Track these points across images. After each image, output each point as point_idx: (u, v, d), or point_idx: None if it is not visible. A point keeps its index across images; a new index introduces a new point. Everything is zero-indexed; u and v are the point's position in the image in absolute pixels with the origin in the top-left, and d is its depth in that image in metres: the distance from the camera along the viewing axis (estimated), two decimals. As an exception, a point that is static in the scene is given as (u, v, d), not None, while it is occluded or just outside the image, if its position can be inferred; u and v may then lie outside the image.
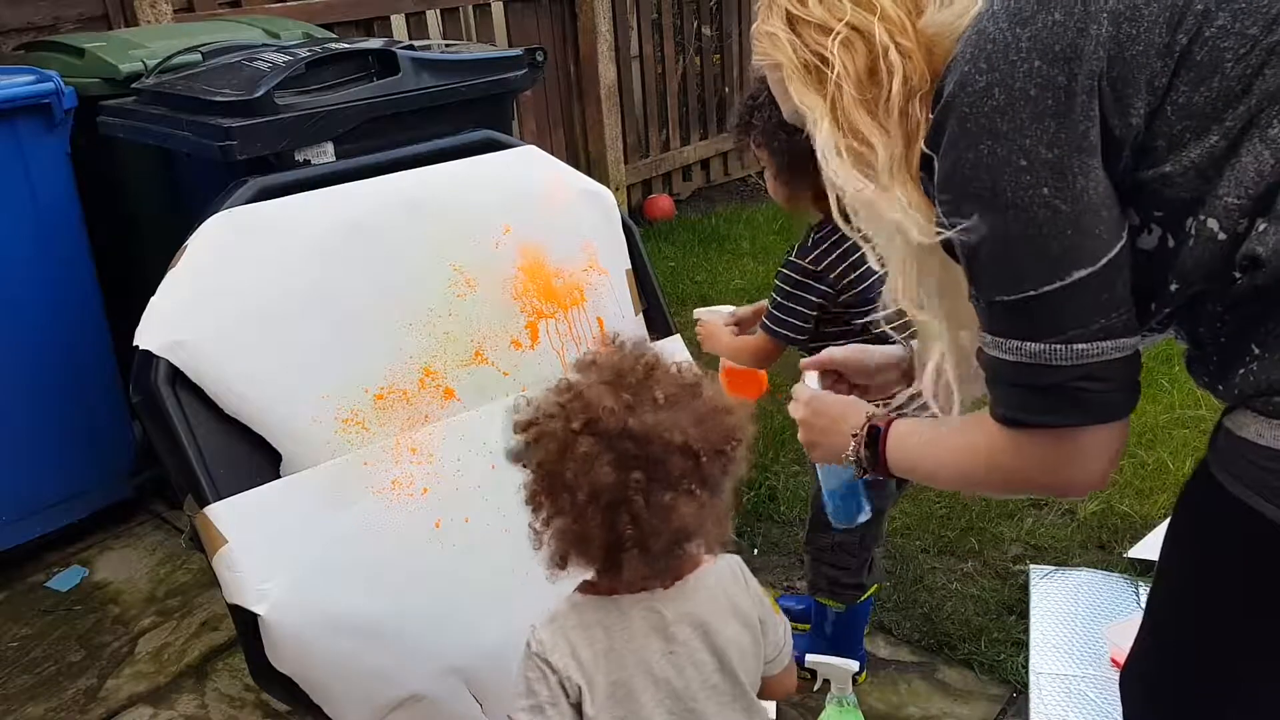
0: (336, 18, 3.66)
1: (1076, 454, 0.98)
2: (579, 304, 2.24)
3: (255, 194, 1.96)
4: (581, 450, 1.09)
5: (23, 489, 2.59)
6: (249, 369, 1.81)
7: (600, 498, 1.09)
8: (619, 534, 1.10)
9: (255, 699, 2.19)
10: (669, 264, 4.58)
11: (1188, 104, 0.89)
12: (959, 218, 0.96)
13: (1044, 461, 1.00)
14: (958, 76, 0.94)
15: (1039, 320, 0.94)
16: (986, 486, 1.11)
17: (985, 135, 0.91)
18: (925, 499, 2.71)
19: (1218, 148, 0.88)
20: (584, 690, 1.15)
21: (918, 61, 1.02)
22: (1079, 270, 0.91)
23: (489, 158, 2.27)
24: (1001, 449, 1.03)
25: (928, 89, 1.02)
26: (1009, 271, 0.94)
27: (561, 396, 1.14)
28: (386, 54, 2.31)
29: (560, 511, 1.13)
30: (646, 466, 1.09)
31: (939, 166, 0.97)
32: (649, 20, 5.14)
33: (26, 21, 3.03)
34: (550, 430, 1.13)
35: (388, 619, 1.82)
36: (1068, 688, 2.04)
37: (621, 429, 1.09)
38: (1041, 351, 0.94)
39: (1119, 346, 0.94)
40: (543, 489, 1.15)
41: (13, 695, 2.27)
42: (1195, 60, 0.88)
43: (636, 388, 1.13)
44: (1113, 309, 0.93)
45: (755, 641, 1.26)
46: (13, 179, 2.45)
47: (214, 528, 1.71)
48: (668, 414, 1.11)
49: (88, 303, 2.65)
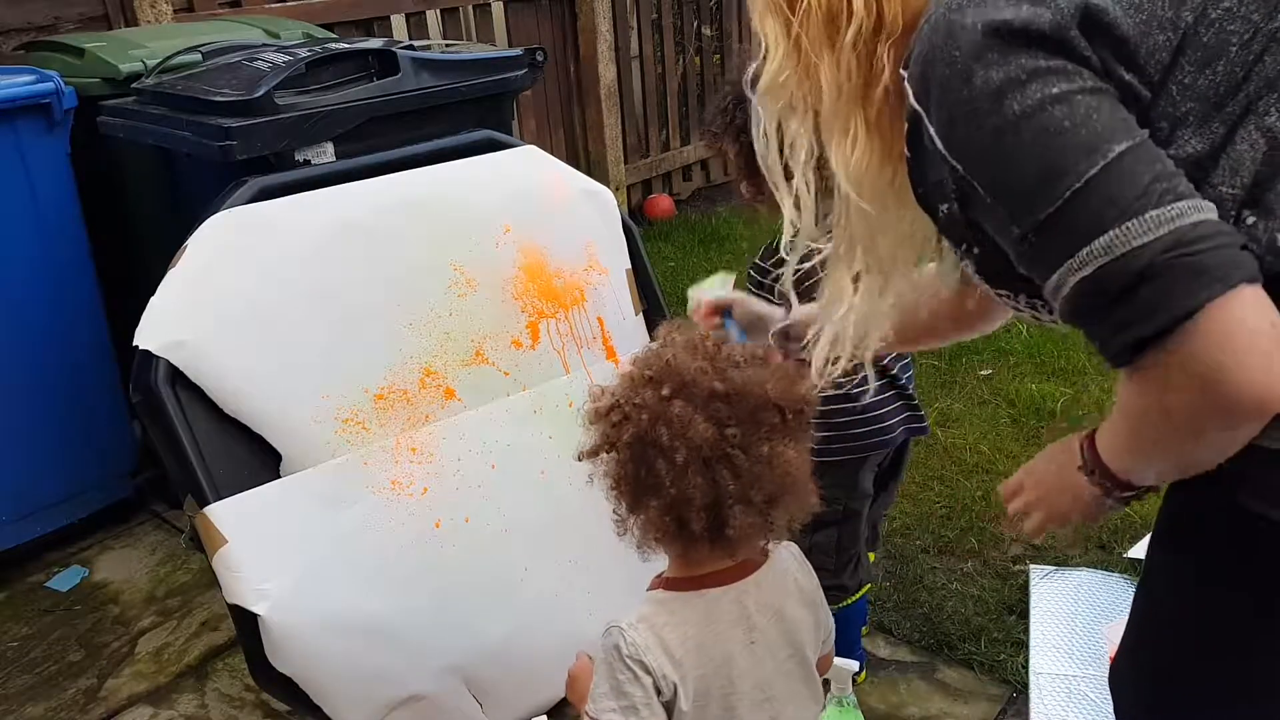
0: (336, 18, 3.66)
1: (1223, 345, 0.78)
2: (580, 304, 2.24)
3: (255, 194, 1.96)
4: (675, 412, 1.11)
5: (23, 489, 2.59)
6: (249, 369, 1.82)
7: (700, 454, 1.11)
8: (720, 491, 1.11)
9: (255, 699, 2.19)
10: (669, 264, 4.58)
11: (1193, 85, 0.86)
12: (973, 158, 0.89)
13: (1193, 376, 0.80)
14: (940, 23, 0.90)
15: (1094, 211, 0.82)
16: (1177, 442, 0.88)
17: (978, 66, 0.86)
18: (925, 499, 2.71)
19: (1217, 134, 0.86)
20: (678, 688, 1.16)
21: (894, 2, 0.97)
22: (1118, 144, 0.82)
23: (489, 158, 2.27)
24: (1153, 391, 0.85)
25: (899, 35, 0.97)
26: (1044, 179, 0.84)
27: (647, 370, 1.17)
28: (386, 54, 2.31)
29: (656, 483, 1.13)
30: (740, 422, 1.12)
31: (936, 119, 0.91)
32: (649, 20, 5.14)
33: (26, 21, 3.03)
34: (640, 403, 1.14)
35: (388, 619, 1.82)
36: (1068, 688, 2.04)
37: (711, 390, 1.12)
38: (1115, 239, 0.81)
39: (1197, 206, 0.81)
40: (635, 466, 1.15)
41: (13, 695, 2.27)
42: (1202, 41, 0.86)
43: (714, 355, 1.17)
44: (1171, 175, 0.82)
45: (817, 623, 1.29)
46: (13, 179, 2.45)
47: (214, 528, 1.71)
48: (751, 371, 1.15)
49: (88, 303, 2.65)
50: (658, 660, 1.15)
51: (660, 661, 1.15)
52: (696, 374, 1.14)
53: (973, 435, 2.99)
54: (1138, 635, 1.17)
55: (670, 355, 1.17)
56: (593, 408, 1.19)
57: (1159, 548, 1.14)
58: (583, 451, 1.20)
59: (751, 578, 1.22)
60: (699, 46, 5.49)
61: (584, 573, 2.03)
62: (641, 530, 1.17)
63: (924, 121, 0.92)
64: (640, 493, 1.15)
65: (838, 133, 1.01)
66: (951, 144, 0.90)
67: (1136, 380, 0.86)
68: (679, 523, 1.13)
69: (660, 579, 1.24)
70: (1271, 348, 0.78)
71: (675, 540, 1.17)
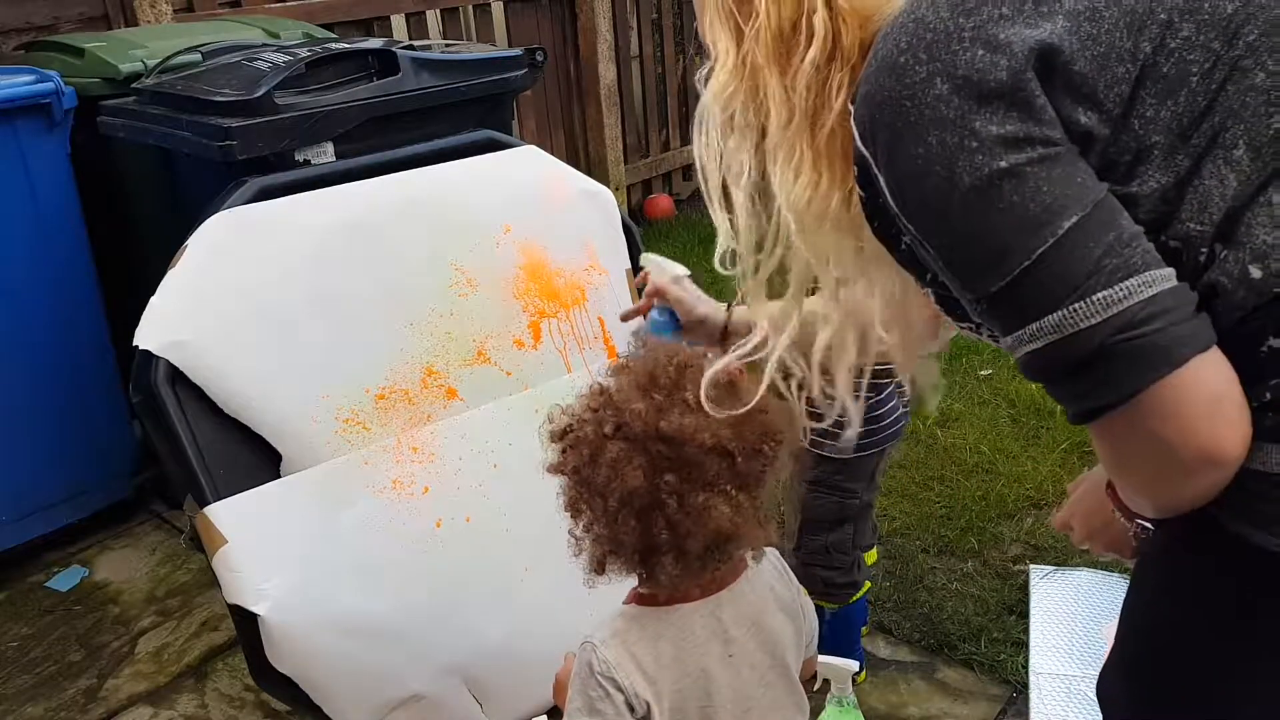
0: (336, 18, 3.66)
1: (1169, 419, 0.81)
2: (581, 303, 2.24)
3: (255, 194, 1.96)
4: (611, 455, 1.08)
5: (23, 489, 2.59)
6: (249, 369, 1.82)
7: (632, 502, 1.08)
8: (653, 538, 1.08)
9: (255, 699, 2.19)
10: (669, 264, 4.58)
11: (1155, 118, 0.84)
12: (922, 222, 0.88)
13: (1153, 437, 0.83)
14: (891, 66, 0.87)
15: (1045, 288, 0.82)
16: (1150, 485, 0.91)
17: (931, 126, 0.84)
18: (925, 499, 2.71)
19: (1182, 167, 0.83)
20: (651, 705, 1.14)
21: (852, 28, 0.93)
22: (1067, 219, 0.81)
23: (489, 158, 2.27)
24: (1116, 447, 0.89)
25: (856, 60, 0.93)
26: (992, 254, 0.84)
27: (593, 401, 1.14)
28: (386, 54, 2.31)
29: (595, 518, 1.12)
30: (679, 469, 1.08)
31: (884, 170, 0.89)
32: (649, 20, 5.14)
33: (26, 21, 3.03)
34: (583, 436, 1.12)
35: (388, 619, 1.82)
36: (1068, 688, 2.04)
37: (652, 432, 1.08)
38: (1064, 319, 0.82)
39: (1149, 280, 0.80)
40: (580, 495, 1.14)
41: (13, 695, 2.27)
42: (1161, 72, 0.83)
43: (669, 389, 1.12)
44: (1124, 245, 0.81)
45: (798, 631, 1.27)
46: (13, 179, 2.45)
47: (214, 528, 1.71)
48: (700, 416, 1.09)
49: (88, 303, 2.65)
50: (629, 679, 1.13)
51: (632, 680, 1.14)
52: (633, 416, 1.09)
53: (973, 435, 2.99)
54: (1122, 650, 1.17)
55: (617, 389, 1.13)
56: (550, 428, 1.17)
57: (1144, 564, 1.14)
58: (547, 467, 1.18)
59: (726, 591, 1.19)
60: (699, 46, 5.48)
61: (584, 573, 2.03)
62: (588, 558, 1.16)
63: (872, 167, 0.90)
64: (586, 522, 1.14)
65: (782, 159, 0.98)
66: (900, 201, 0.89)
67: (1096, 434, 0.89)
68: (618, 559, 1.13)
69: (633, 592, 1.22)
70: (1218, 410, 0.81)
71: (622, 573, 1.15)
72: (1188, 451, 0.82)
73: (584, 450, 1.11)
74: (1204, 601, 1.00)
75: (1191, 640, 1.03)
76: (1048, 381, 0.88)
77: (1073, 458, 2.84)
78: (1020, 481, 2.75)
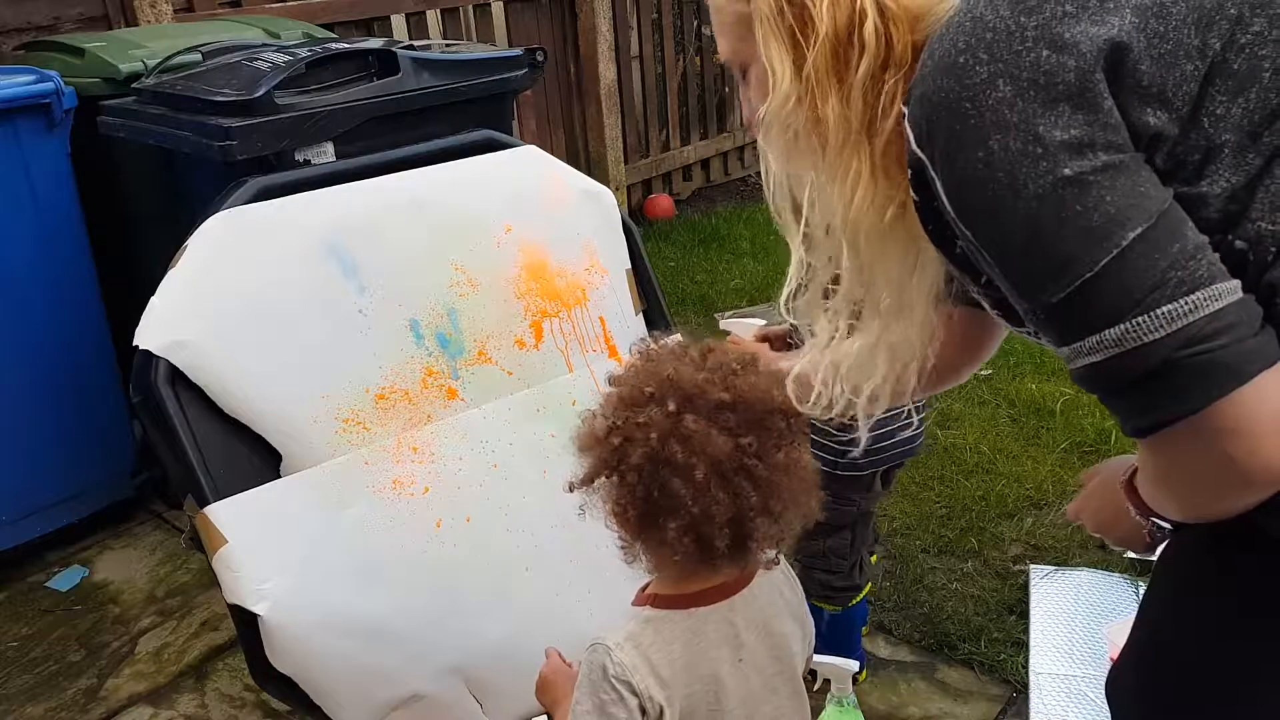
0: (336, 18, 3.66)
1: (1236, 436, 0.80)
2: (582, 303, 2.24)
3: (255, 194, 1.96)
4: (689, 428, 1.07)
5: (23, 489, 2.59)
6: (249, 369, 1.81)
7: (719, 468, 1.07)
8: (742, 503, 1.07)
9: (255, 699, 2.19)
10: (669, 264, 4.58)
11: (1225, 116, 0.81)
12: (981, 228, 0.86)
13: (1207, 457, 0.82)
14: (949, 67, 0.84)
15: (1107, 300, 0.80)
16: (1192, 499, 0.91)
17: (993, 130, 0.82)
18: (925, 499, 2.71)
19: (1253, 166, 0.81)
20: (664, 709, 1.13)
21: (903, 32, 0.91)
22: (1131, 230, 0.79)
23: (489, 158, 2.27)
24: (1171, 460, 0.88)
25: (909, 65, 0.91)
26: (1052, 264, 0.82)
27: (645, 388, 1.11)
28: (386, 54, 2.31)
29: (674, 503, 1.08)
30: (754, 430, 1.09)
31: (942, 173, 0.87)
32: (649, 20, 5.14)
33: (26, 21, 3.03)
34: (644, 421, 1.09)
35: (388, 619, 1.82)
36: (1068, 688, 2.04)
37: (719, 401, 1.09)
38: (1126, 333, 0.80)
39: (1216, 294, 0.79)
40: (646, 488, 1.09)
41: (13, 695, 2.26)
42: (1232, 69, 0.81)
43: (710, 364, 1.13)
44: (1188, 258, 0.79)
45: (804, 635, 1.27)
46: (13, 179, 2.45)
47: (214, 528, 1.71)
48: (751, 378, 1.12)
49: (88, 303, 2.65)
50: (644, 682, 1.12)
51: (647, 683, 1.12)
52: (703, 385, 1.09)
53: (973, 435, 2.99)
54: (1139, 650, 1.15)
55: (670, 369, 1.12)
56: (587, 432, 1.13)
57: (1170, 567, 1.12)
58: (574, 481, 1.14)
59: (740, 595, 1.19)
60: (699, 46, 5.49)
61: (585, 573, 2.03)
62: (655, 554, 1.13)
63: (928, 170, 0.88)
64: (654, 515, 1.10)
65: (840, 170, 0.97)
66: (958, 207, 0.86)
67: (1151, 448, 0.88)
68: (700, 541, 1.09)
69: (646, 594, 1.20)
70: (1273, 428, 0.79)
71: (694, 559, 1.12)
72: (1252, 467, 0.80)
73: (651, 434, 1.08)
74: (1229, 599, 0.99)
75: (1216, 638, 1.02)
76: (1106, 394, 0.86)
77: (1073, 458, 2.84)
78: (1020, 481, 2.75)
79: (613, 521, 1.14)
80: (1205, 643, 1.04)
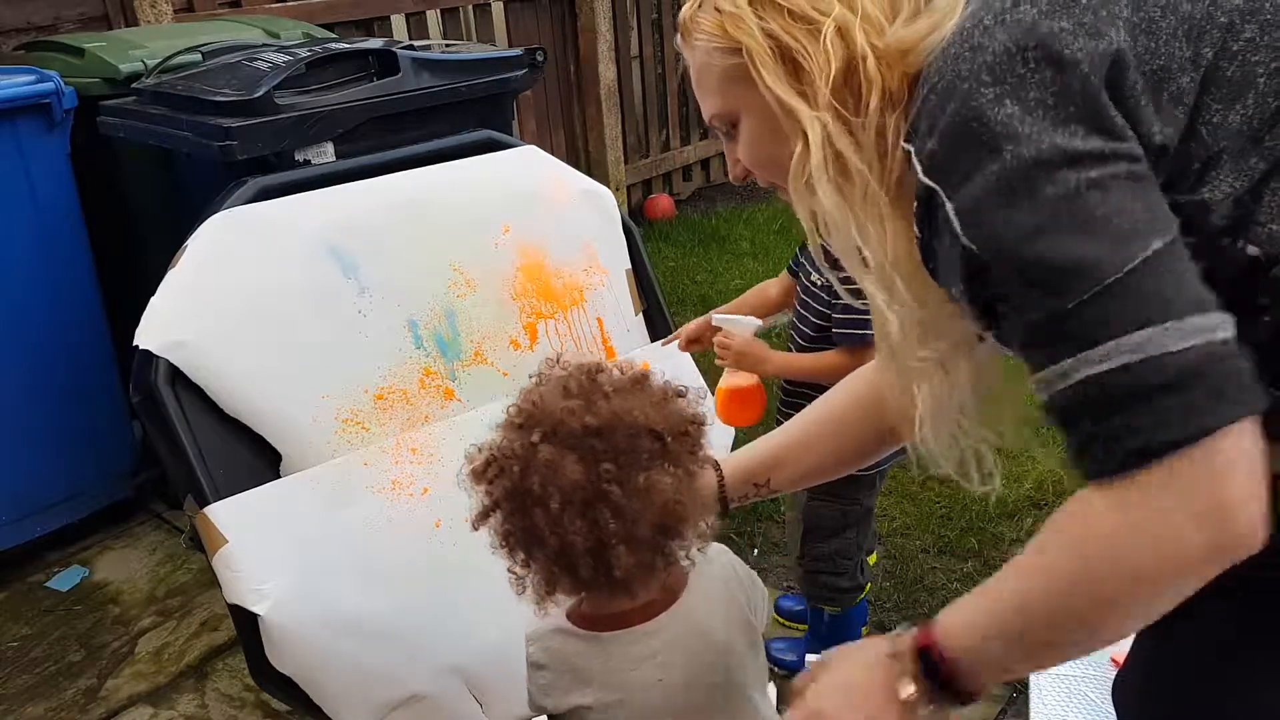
0: (336, 18, 3.66)
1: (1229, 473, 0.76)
2: (579, 304, 2.24)
3: (255, 194, 1.97)
4: (543, 458, 1.06)
5: (23, 489, 2.59)
6: (249, 369, 1.82)
7: (574, 498, 1.05)
8: (602, 531, 1.06)
9: (255, 699, 2.19)
10: (669, 264, 4.58)
11: (1223, 123, 0.82)
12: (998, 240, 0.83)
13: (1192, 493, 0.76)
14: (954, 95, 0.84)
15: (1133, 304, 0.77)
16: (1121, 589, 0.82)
17: (1005, 142, 0.81)
18: (925, 499, 2.71)
19: (1256, 170, 0.81)
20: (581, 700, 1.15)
21: (897, 71, 0.91)
22: (1156, 239, 0.78)
23: (489, 158, 2.28)
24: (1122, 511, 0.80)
25: (905, 102, 0.91)
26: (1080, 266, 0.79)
27: (513, 423, 1.12)
28: (386, 54, 2.31)
29: (538, 535, 1.08)
30: (615, 456, 1.06)
31: (956, 197, 0.84)
32: (649, 20, 5.15)
33: (26, 21, 3.03)
34: (509, 453, 1.09)
35: (388, 619, 1.82)
36: (1068, 688, 2.04)
37: (583, 426, 1.07)
38: (1151, 339, 0.76)
39: (1225, 320, 0.78)
40: (516, 519, 1.10)
41: (13, 695, 2.27)
42: (1226, 76, 0.82)
43: (586, 391, 1.11)
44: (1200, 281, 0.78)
45: (752, 644, 1.24)
46: (13, 179, 2.45)
47: (214, 528, 1.71)
48: (621, 400, 1.09)
49: (88, 303, 2.65)
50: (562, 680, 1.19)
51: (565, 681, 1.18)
52: (564, 414, 1.07)
53: (973, 435, 2.99)
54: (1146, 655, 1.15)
55: (537, 396, 1.12)
56: (469, 470, 1.13)
57: None
58: (473, 519, 1.13)
59: (661, 617, 1.17)
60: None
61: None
62: (535, 585, 1.13)
63: (938, 196, 0.86)
64: (526, 546, 1.11)
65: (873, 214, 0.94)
66: (975, 227, 0.84)
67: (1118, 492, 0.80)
68: (568, 570, 1.09)
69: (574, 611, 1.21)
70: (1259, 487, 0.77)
71: (571, 589, 1.13)
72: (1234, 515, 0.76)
73: (514, 467, 1.08)
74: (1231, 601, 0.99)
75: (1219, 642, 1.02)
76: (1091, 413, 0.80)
77: (1073, 458, 2.84)
78: (1020, 481, 2.75)
79: (502, 553, 1.14)
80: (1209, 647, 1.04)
